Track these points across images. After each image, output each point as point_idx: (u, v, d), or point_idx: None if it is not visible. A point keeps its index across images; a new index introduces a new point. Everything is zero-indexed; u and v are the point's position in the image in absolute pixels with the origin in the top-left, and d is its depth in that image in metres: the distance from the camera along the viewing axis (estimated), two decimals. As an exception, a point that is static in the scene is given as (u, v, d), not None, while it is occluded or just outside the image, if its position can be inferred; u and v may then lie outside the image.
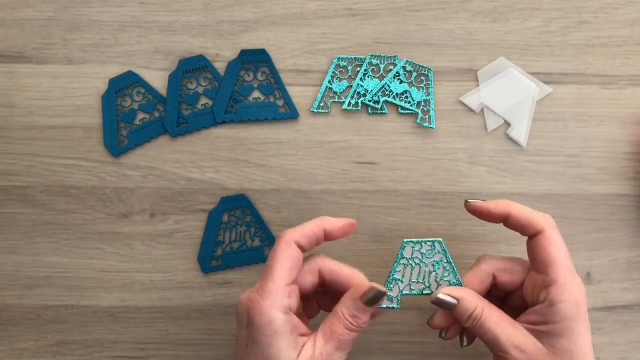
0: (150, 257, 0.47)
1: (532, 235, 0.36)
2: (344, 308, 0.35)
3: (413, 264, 0.38)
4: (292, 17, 0.46)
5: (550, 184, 0.46)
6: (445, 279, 0.38)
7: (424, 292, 0.38)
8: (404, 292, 0.38)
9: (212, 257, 0.46)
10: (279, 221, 0.46)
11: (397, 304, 0.38)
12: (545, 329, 0.35)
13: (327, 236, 0.37)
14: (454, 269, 0.38)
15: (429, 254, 0.38)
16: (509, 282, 0.38)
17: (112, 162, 0.46)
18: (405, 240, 0.38)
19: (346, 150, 0.46)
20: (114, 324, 0.47)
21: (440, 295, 0.36)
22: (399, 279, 0.38)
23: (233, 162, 0.46)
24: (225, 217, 0.46)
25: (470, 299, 0.36)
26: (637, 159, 0.46)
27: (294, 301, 0.35)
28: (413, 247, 0.38)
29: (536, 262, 0.36)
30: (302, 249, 0.36)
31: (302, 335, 0.35)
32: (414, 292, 0.38)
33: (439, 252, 0.38)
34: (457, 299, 0.36)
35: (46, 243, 0.47)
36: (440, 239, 0.38)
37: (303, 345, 0.34)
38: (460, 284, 0.38)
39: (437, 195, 0.46)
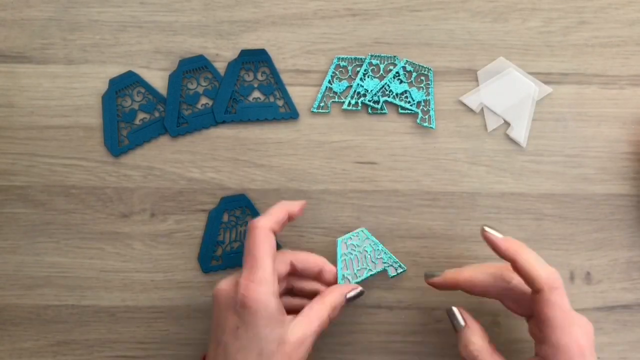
0: (151, 257, 0.47)
1: (532, 292, 0.37)
2: (332, 299, 0.40)
3: (352, 256, 0.44)
4: (292, 17, 0.46)
5: (550, 184, 0.46)
6: (378, 257, 0.45)
7: (368, 274, 0.44)
8: (354, 281, 0.44)
9: (212, 257, 0.46)
10: (279, 221, 0.46)
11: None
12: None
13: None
14: (381, 247, 0.45)
15: (359, 243, 0.44)
16: (514, 311, 0.39)
17: (113, 162, 0.46)
18: (338, 239, 0.43)
19: (346, 150, 0.46)
20: (115, 323, 0.47)
21: (455, 310, 0.40)
22: (346, 274, 0.43)
23: (233, 162, 0.46)
24: (225, 217, 0.46)
25: (475, 332, 0.39)
26: (637, 159, 0.46)
27: (281, 288, 0.40)
28: (345, 242, 0.44)
29: (534, 315, 0.37)
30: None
31: (284, 315, 0.38)
32: (362, 277, 0.44)
33: (366, 239, 0.45)
34: (467, 324, 0.39)
35: (47, 243, 0.47)
36: (364, 228, 0.45)
37: (290, 325, 0.37)
38: (391, 257, 0.45)
39: (437, 195, 0.46)
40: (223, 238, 0.46)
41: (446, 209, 0.46)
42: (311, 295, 0.41)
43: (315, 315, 0.38)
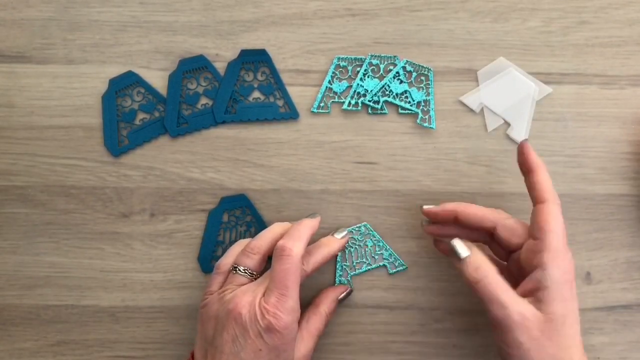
0: (151, 257, 0.47)
1: (536, 204, 0.38)
2: (326, 308, 0.43)
3: (351, 249, 0.46)
4: (292, 17, 0.46)
5: (550, 184, 0.46)
6: (378, 252, 0.46)
7: (367, 268, 0.46)
8: (351, 273, 0.46)
9: (212, 257, 0.46)
10: (279, 221, 0.46)
11: (350, 285, 0.46)
12: (540, 296, 0.36)
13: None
14: (382, 243, 0.46)
15: (360, 237, 0.46)
16: (507, 239, 0.40)
17: (112, 162, 0.46)
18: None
19: (346, 150, 0.46)
20: (114, 324, 0.47)
21: (456, 241, 0.40)
22: (345, 265, 0.46)
23: (233, 162, 0.46)
24: (225, 217, 0.46)
25: (479, 254, 0.39)
26: (637, 159, 0.46)
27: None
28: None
29: (534, 228, 0.38)
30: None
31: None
32: (359, 270, 0.46)
33: (368, 233, 0.46)
34: (472, 251, 0.39)
35: (46, 243, 0.47)
36: (366, 223, 0.46)
37: (304, 342, 0.41)
38: (392, 254, 0.46)
39: (437, 195, 0.46)
40: (223, 238, 0.46)
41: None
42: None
43: (313, 327, 0.42)
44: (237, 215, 0.46)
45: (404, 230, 0.46)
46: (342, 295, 0.44)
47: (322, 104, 0.46)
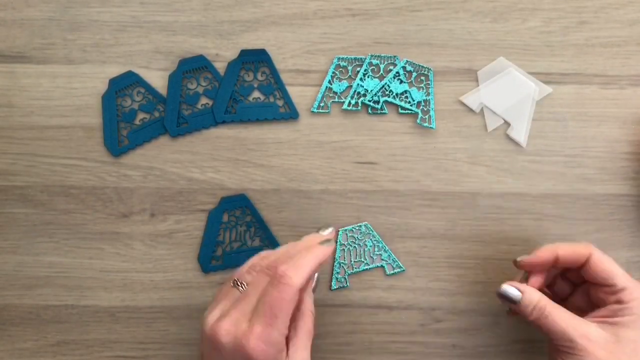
0: (151, 257, 0.47)
1: (582, 264, 0.39)
2: (310, 305, 0.39)
3: (350, 248, 0.46)
4: (292, 17, 0.46)
5: (550, 184, 0.46)
6: (377, 252, 0.46)
7: (364, 267, 0.46)
8: (349, 271, 0.46)
9: (212, 257, 0.46)
10: (279, 221, 0.46)
11: (347, 283, 0.46)
12: (614, 321, 0.37)
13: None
14: (382, 244, 0.46)
15: (360, 237, 0.46)
16: (570, 262, 0.40)
17: (112, 162, 0.46)
18: (339, 229, 0.45)
19: (346, 150, 0.46)
20: (114, 324, 0.47)
21: (505, 287, 0.39)
22: (343, 262, 0.46)
23: (233, 162, 0.46)
24: (225, 217, 0.46)
25: (533, 292, 0.39)
26: (637, 159, 0.46)
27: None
28: (346, 233, 0.46)
29: (598, 280, 0.39)
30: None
31: (284, 356, 0.36)
32: (357, 269, 0.46)
33: (368, 233, 0.46)
34: (522, 292, 0.39)
35: (46, 243, 0.47)
36: (367, 223, 0.46)
37: (290, 354, 0.36)
38: (390, 255, 0.46)
39: (437, 195, 0.46)
40: (223, 238, 0.46)
41: (446, 209, 0.46)
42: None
43: (304, 330, 0.38)
44: (237, 215, 0.46)
45: (404, 230, 0.46)
46: (314, 285, 0.40)
47: (322, 104, 0.46)
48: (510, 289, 0.39)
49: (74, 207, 0.46)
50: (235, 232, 0.46)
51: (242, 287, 0.37)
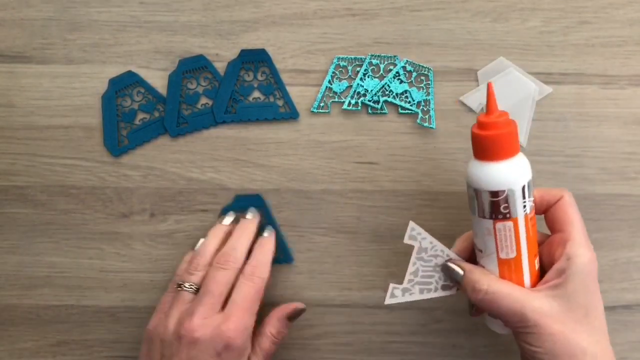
0: (150, 257, 0.47)
1: (550, 205, 0.38)
2: (272, 328, 0.42)
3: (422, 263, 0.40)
4: (292, 17, 0.46)
5: (550, 184, 0.46)
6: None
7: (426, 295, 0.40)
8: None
9: None
10: (279, 221, 0.46)
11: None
12: (562, 286, 0.35)
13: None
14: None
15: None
16: (542, 202, 0.39)
17: (112, 162, 0.46)
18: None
19: (346, 150, 0.46)
20: (114, 324, 0.47)
21: (447, 264, 0.38)
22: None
23: (233, 162, 0.46)
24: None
25: (473, 270, 0.37)
26: (637, 159, 0.46)
27: None
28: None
29: (555, 223, 0.38)
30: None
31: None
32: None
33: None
34: (464, 270, 0.38)
35: (46, 243, 0.47)
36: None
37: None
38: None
39: (437, 195, 0.46)
40: None
41: (446, 209, 0.46)
42: None
43: (262, 347, 0.41)
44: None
45: (404, 230, 0.46)
46: (290, 313, 0.43)
47: (322, 104, 0.46)
48: (453, 267, 0.38)
49: (73, 207, 0.46)
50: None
51: (191, 287, 0.41)
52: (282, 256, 0.46)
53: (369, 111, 0.46)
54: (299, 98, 0.46)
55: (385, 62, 0.46)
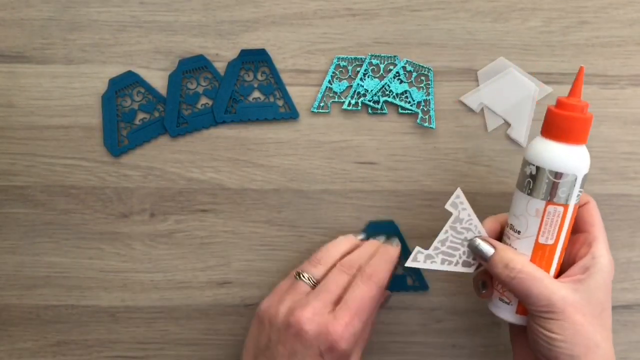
0: (150, 257, 0.47)
1: (581, 205, 0.40)
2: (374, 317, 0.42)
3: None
4: (292, 17, 0.46)
5: (550, 184, 0.46)
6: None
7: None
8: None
9: None
10: (279, 221, 0.46)
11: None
12: (585, 281, 0.36)
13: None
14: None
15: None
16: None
17: (112, 162, 0.46)
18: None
19: (346, 150, 0.46)
20: (114, 324, 0.47)
21: (479, 241, 0.39)
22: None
23: (233, 162, 0.46)
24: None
25: (506, 249, 0.38)
26: (637, 159, 0.46)
27: None
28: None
29: (582, 223, 0.39)
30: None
31: None
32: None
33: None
34: (495, 248, 0.38)
35: (46, 243, 0.47)
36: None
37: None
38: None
39: (437, 195, 0.46)
40: None
41: (446, 209, 0.46)
42: None
43: (362, 340, 0.40)
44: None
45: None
46: (382, 301, 0.43)
47: (322, 104, 0.46)
48: (483, 244, 0.39)
49: (73, 207, 0.46)
50: None
51: (309, 280, 0.40)
52: (417, 283, 0.46)
53: (369, 111, 0.46)
54: (299, 98, 0.46)
55: (385, 62, 0.46)
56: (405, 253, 0.44)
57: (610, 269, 0.37)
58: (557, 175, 0.36)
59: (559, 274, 0.39)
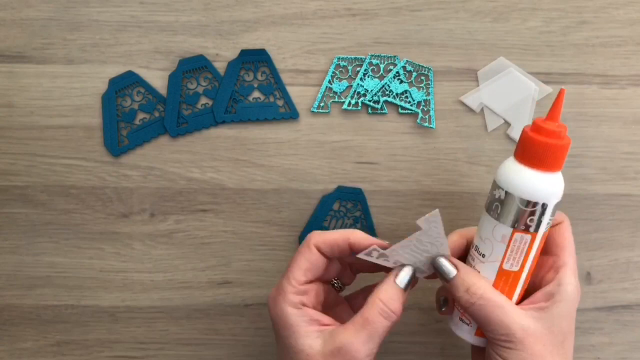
0: (150, 257, 0.47)
1: (552, 226, 0.38)
2: (380, 293, 0.36)
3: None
4: (292, 17, 0.46)
5: (550, 184, 0.46)
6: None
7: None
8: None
9: None
10: (279, 221, 0.46)
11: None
12: (549, 309, 0.35)
13: (353, 249, 0.37)
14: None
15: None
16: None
17: (112, 162, 0.46)
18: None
19: (346, 150, 0.46)
20: (114, 324, 0.47)
21: (442, 260, 0.36)
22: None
23: (233, 162, 0.46)
24: (336, 206, 0.46)
25: (469, 273, 0.36)
26: (637, 159, 0.46)
27: (310, 298, 0.37)
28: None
29: (552, 245, 0.37)
30: (323, 254, 0.37)
31: (324, 325, 0.36)
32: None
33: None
34: (458, 269, 0.36)
35: (46, 243, 0.47)
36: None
37: (329, 334, 0.35)
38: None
39: (437, 195, 0.46)
40: (328, 224, 0.46)
41: (446, 209, 0.46)
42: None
43: (361, 318, 0.35)
44: (348, 207, 0.46)
45: (404, 230, 0.46)
46: (403, 278, 0.37)
47: (322, 104, 0.46)
48: (446, 263, 0.36)
49: (73, 207, 0.46)
50: (342, 223, 0.46)
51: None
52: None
53: (369, 111, 0.46)
54: (299, 98, 0.46)
55: (385, 62, 0.46)
56: (370, 226, 0.45)
57: (575, 297, 0.36)
58: (528, 203, 0.34)
59: (522, 297, 0.37)
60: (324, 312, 0.37)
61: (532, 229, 0.35)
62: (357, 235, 0.37)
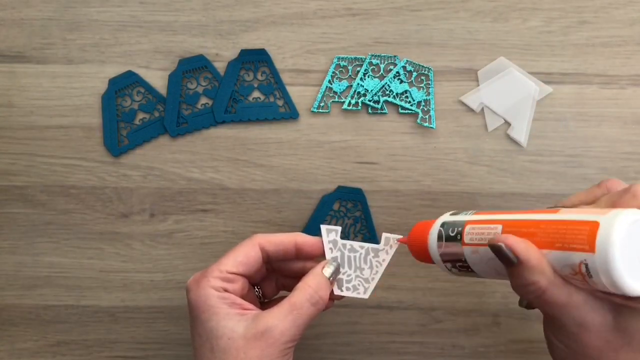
0: (150, 257, 0.47)
1: None
2: (309, 280, 0.36)
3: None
4: (292, 17, 0.46)
5: (550, 184, 0.46)
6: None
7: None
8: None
9: None
10: (279, 221, 0.46)
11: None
12: (626, 309, 0.29)
13: (299, 251, 0.37)
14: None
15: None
16: None
17: (112, 162, 0.46)
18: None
19: (346, 150, 0.46)
20: (114, 324, 0.47)
21: (502, 245, 0.29)
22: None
23: (233, 162, 0.46)
24: (336, 206, 0.46)
25: (537, 253, 0.29)
26: (637, 159, 0.46)
27: (235, 287, 0.35)
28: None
29: None
30: (266, 254, 0.37)
31: (247, 309, 0.35)
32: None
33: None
34: (520, 259, 0.29)
35: (46, 243, 0.47)
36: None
37: (252, 318, 0.34)
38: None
39: (437, 195, 0.46)
40: (328, 224, 0.46)
41: (446, 209, 0.46)
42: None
43: (288, 303, 0.34)
44: (348, 207, 0.46)
45: (404, 230, 0.46)
46: (329, 269, 0.37)
47: (322, 104, 0.46)
48: (506, 249, 0.29)
49: (73, 207, 0.46)
50: (342, 222, 0.46)
51: None
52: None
53: (369, 111, 0.46)
54: (299, 98, 0.46)
55: (386, 62, 0.46)
56: (369, 226, 0.46)
57: None
58: None
59: None
60: None
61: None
62: (304, 237, 0.37)
